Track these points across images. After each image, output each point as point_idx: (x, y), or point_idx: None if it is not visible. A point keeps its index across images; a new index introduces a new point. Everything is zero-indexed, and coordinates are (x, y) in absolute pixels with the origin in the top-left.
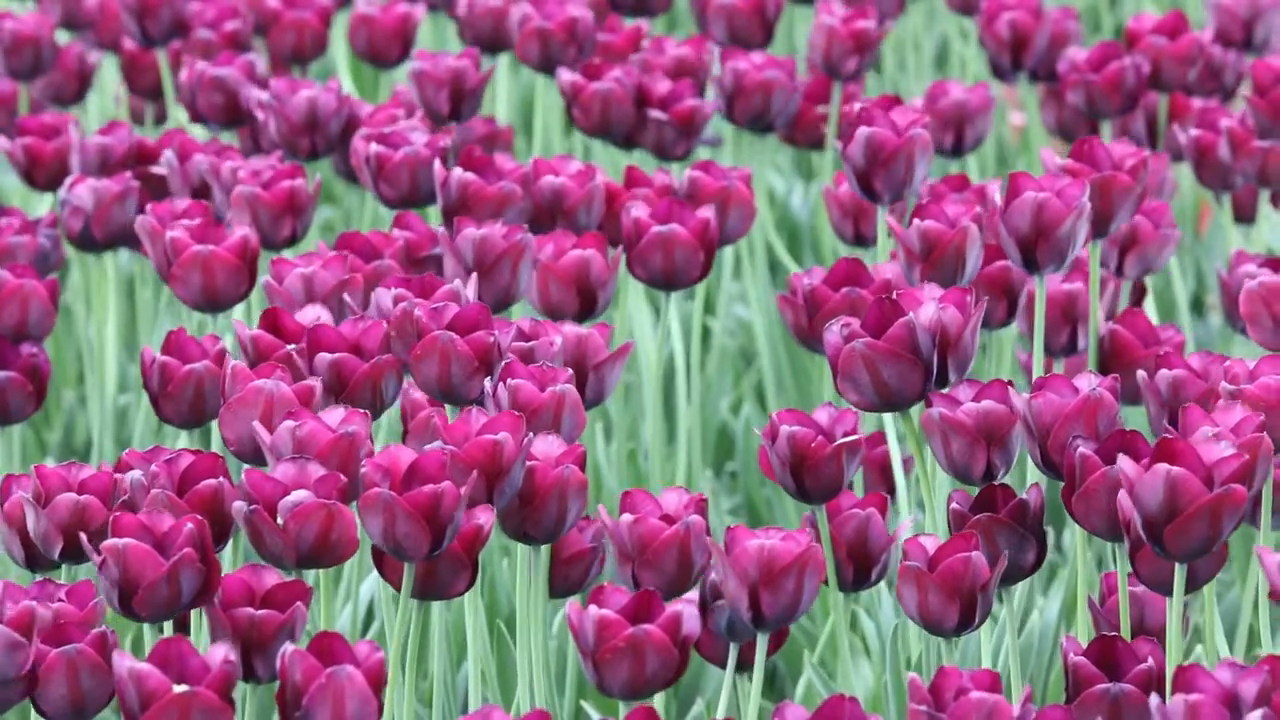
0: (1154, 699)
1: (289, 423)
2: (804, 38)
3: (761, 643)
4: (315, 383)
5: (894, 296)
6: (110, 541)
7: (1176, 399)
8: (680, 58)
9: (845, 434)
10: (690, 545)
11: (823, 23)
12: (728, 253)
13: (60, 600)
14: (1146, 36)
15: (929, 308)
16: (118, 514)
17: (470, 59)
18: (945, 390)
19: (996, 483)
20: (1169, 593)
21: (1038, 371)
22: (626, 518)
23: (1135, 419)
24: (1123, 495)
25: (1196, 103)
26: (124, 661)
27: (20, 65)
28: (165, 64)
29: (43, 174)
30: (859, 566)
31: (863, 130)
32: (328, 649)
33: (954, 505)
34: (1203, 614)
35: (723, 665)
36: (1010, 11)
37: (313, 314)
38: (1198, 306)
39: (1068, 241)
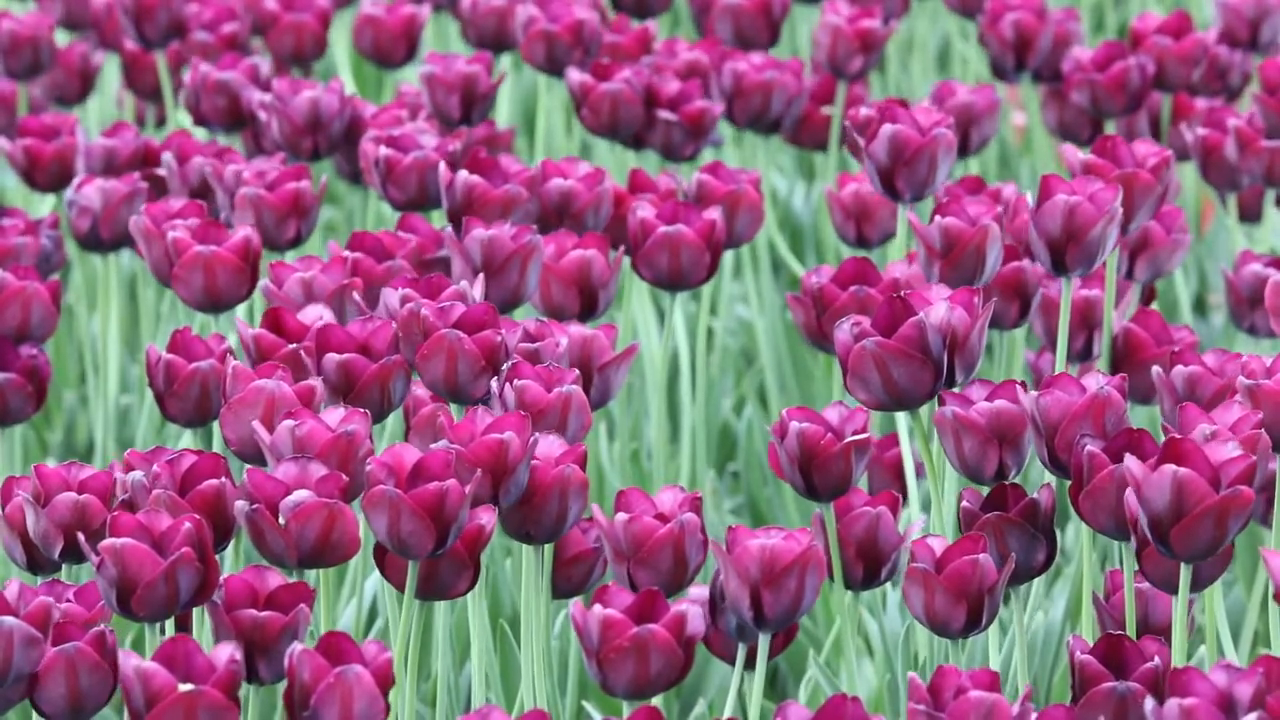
0: (1149, 701)
1: (288, 422)
2: (809, 38)
3: (763, 643)
4: (317, 383)
5: (904, 295)
6: (108, 541)
7: (1191, 396)
8: (692, 61)
9: (855, 432)
10: (685, 543)
11: (828, 22)
12: (729, 252)
13: (68, 601)
14: (1151, 37)
15: (940, 308)
16: (116, 514)
17: (482, 63)
18: (954, 390)
19: (1007, 482)
20: (1175, 590)
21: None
22: (621, 516)
23: (1143, 420)
24: (1129, 494)
25: (1201, 103)
26: (130, 660)
27: (19, 65)
28: (164, 66)
29: (43, 175)
30: (869, 565)
31: (887, 128)
32: (336, 648)
33: (964, 504)
34: (1205, 614)
35: (733, 662)
36: (1014, 12)
37: (315, 313)
38: (1200, 306)
39: (1098, 245)
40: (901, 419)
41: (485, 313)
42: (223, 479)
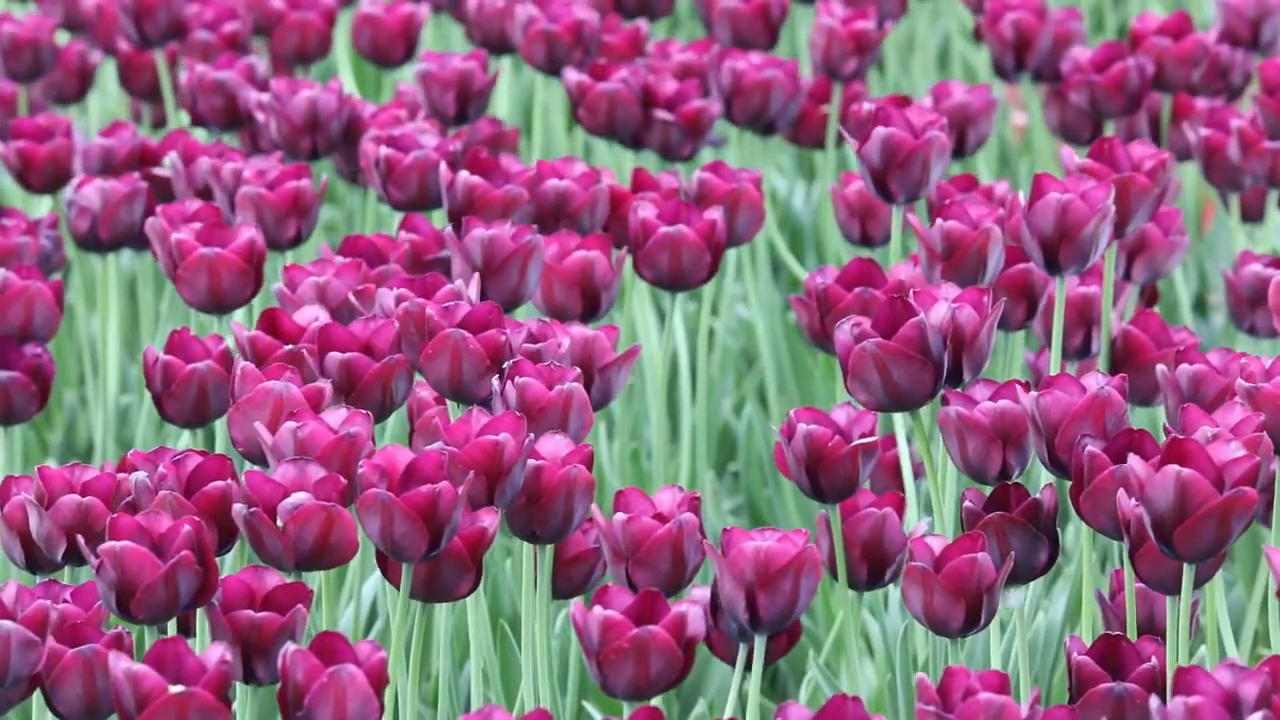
0: (1154, 700)
1: (290, 424)
2: (807, 39)
3: (760, 645)
4: (325, 385)
5: (908, 296)
6: (107, 544)
7: (1196, 395)
8: (686, 62)
9: (862, 435)
10: (683, 544)
11: (822, 23)
12: (730, 253)
13: (65, 601)
14: (1151, 37)
15: (941, 308)
16: (116, 516)
17: (477, 61)
18: (960, 389)
19: (1009, 482)
20: (1168, 591)
21: (1054, 373)
22: (620, 517)
23: (1142, 421)
24: (1121, 494)
25: (1201, 103)
26: (120, 662)
27: (20, 67)
28: (163, 65)
29: (37, 177)
30: (873, 566)
31: (880, 130)
32: (329, 648)
33: (967, 504)
34: (1206, 614)
35: (735, 662)
36: (1014, 12)
37: (310, 314)
38: (1200, 306)
39: (1090, 243)
40: (900, 419)
41: (490, 312)
42: (228, 480)
